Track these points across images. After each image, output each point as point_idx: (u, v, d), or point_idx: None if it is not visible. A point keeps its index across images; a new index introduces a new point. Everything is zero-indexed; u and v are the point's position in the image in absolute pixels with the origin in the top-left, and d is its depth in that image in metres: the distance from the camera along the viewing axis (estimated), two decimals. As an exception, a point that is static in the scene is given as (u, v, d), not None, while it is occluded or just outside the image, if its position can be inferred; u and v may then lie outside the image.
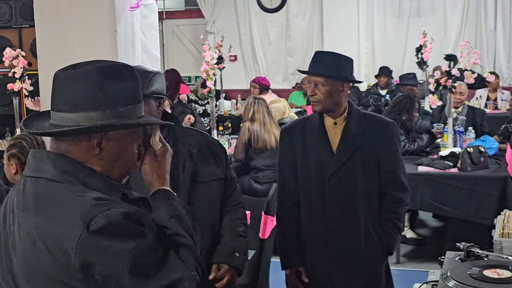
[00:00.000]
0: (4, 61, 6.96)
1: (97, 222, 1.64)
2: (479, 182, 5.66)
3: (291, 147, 3.40)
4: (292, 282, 3.41)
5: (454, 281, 2.28)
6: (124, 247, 1.66)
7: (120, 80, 1.80)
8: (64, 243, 1.64)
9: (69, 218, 1.65)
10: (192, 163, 2.86)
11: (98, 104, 1.75)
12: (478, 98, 10.17)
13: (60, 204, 1.70)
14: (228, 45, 10.89)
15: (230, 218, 3.02)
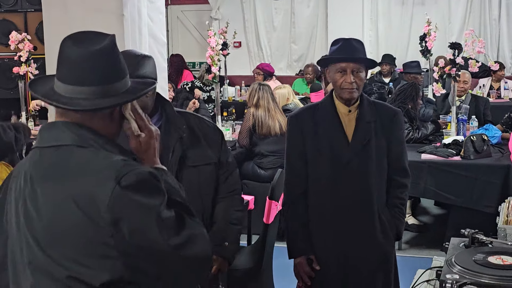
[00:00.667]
0: (10, 45, 6.98)
1: (128, 179, 1.77)
2: (482, 170, 5.67)
3: (301, 135, 3.36)
4: (304, 269, 3.33)
5: (459, 267, 2.31)
6: (152, 202, 1.80)
7: (118, 53, 1.93)
8: (97, 200, 1.75)
9: (101, 177, 1.78)
10: (182, 147, 2.84)
11: (109, 78, 1.89)
12: (481, 87, 10.17)
13: (89, 165, 1.82)
14: (233, 31, 10.86)
15: (224, 205, 2.98)
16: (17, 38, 6.92)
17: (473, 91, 8.75)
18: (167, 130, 2.85)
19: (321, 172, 3.33)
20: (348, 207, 3.30)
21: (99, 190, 1.76)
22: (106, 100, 1.87)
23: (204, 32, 10.64)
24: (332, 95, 3.38)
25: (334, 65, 3.28)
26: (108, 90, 1.88)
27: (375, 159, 3.32)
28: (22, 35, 6.97)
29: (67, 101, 1.85)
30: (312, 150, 3.34)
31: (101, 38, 1.89)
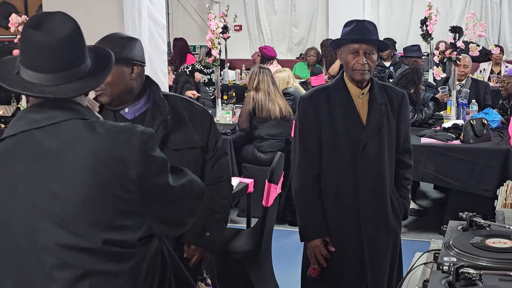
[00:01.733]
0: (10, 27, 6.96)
1: (145, 137, 1.96)
2: (481, 154, 5.67)
3: (316, 117, 3.32)
4: (322, 251, 3.32)
5: (456, 249, 2.31)
6: (162, 155, 2.03)
7: (82, 34, 1.99)
8: (125, 159, 1.91)
9: (122, 138, 1.93)
10: (165, 130, 2.81)
11: (87, 55, 2.00)
12: (482, 71, 10.15)
13: (104, 130, 1.94)
14: (233, 14, 10.83)
15: (209, 193, 2.82)
16: (17, 20, 6.89)
17: (473, 75, 8.73)
18: (153, 114, 2.85)
19: (338, 156, 3.32)
20: (363, 191, 3.32)
21: (125, 150, 1.91)
22: (81, 82, 1.95)
23: (204, 15, 10.60)
24: (343, 77, 3.37)
25: (347, 46, 3.28)
26: (73, 74, 1.94)
27: (387, 142, 3.36)
28: (22, 18, 6.94)
29: (50, 90, 1.91)
30: (328, 133, 3.32)
31: (66, 19, 1.95)
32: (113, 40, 2.77)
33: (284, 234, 3.59)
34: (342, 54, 3.32)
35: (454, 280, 2.09)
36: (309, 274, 3.40)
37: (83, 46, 1.98)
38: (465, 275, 2.09)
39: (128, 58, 2.76)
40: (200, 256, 2.87)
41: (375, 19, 12.10)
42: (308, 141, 3.36)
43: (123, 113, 2.86)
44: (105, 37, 2.82)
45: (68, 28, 1.92)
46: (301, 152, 3.39)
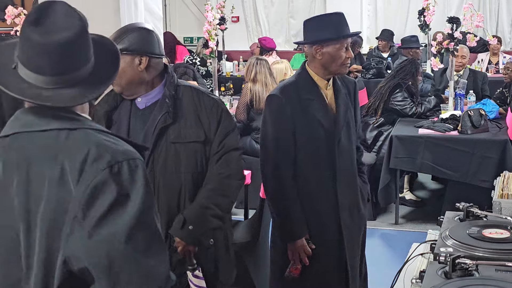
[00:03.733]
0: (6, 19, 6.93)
1: (120, 167, 1.67)
2: (479, 145, 5.68)
3: (290, 114, 3.23)
4: (306, 250, 3.28)
5: (453, 240, 2.31)
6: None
7: (87, 33, 1.80)
8: (83, 178, 1.66)
9: (93, 157, 1.67)
10: (165, 122, 2.81)
11: (90, 56, 1.80)
12: (479, 62, 10.14)
13: (79, 145, 1.70)
14: (231, 6, 10.80)
15: (205, 189, 2.88)
16: (13, 12, 6.85)
17: (471, 66, 8.73)
18: (161, 105, 2.86)
19: (316, 151, 3.30)
20: (340, 181, 3.32)
21: (88, 169, 1.65)
22: (95, 85, 1.79)
23: (201, 7, 10.58)
24: (307, 71, 3.34)
25: (338, 41, 3.24)
26: (73, 78, 1.75)
27: (352, 132, 3.41)
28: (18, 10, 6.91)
29: (47, 94, 1.73)
30: (304, 129, 3.26)
31: (72, 13, 1.75)
32: (118, 32, 2.80)
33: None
34: (327, 49, 3.24)
35: (450, 271, 2.10)
36: (290, 274, 3.33)
37: (87, 48, 1.78)
38: (462, 265, 2.10)
39: (128, 50, 2.76)
40: (184, 248, 2.84)
41: (372, 9, 12.08)
42: (284, 141, 3.25)
43: (136, 102, 2.90)
44: (120, 28, 2.84)
45: (71, 28, 1.72)
46: (277, 153, 3.26)
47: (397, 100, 6.57)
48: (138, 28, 2.85)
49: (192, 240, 2.84)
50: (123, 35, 2.76)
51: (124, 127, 2.90)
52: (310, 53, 3.32)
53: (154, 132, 2.82)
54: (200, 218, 2.85)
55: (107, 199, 1.62)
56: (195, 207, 2.86)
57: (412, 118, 6.52)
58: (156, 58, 2.86)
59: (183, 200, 2.87)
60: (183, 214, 2.85)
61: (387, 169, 5.95)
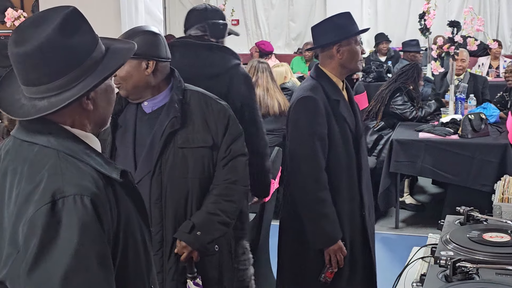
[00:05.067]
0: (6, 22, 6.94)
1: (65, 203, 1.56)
2: (480, 149, 5.67)
3: (326, 117, 3.22)
4: (342, 252, 3.25)
5: (454, 244, 2.31)
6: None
7: (77, 28, 1.69)
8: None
9: (40, 188, 1.58)
10: (173, 127, 2.79)
11: (75, 63, 1.66)
12: (480, 66, 10.14)
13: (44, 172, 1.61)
14: (230, 9, 10.81)
15: (212, 195, 2.86)
16: (13, 15, 6.86)
17: (471, 70, 8.72)
18: (168, 109, 2.84)
19: (347, 152, 3.31)
20: (363, 182, 3.36)
21: (34, 197, 1.55)
22: (65, 94, 1.64)
23: (202, 10, 10.56)
24: (325, 72, 3.34)
25: (352, 38, 3.30)
26: (64, 82, 1.65)
27: (363, 130, 3.48)
28: (18, 12, 6.92)
29: (25, 103, 1.68)
30: (335, 130, 3.26)
31: (47, 23, 1.64)
32: (130, 34, 2.79)
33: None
34: (347, 47, 3.29)
35: (451, 274, 2.09)
36: (325, 278, 3.30)
37: (72, 49, 1.65)
38: (462, 269, 2.10)
39: (141, 54, 2.74)
40: (189, 254, 2.82)
41: (373, 13, 12.11)
42: (323, 142, 3.22)
43: (143, 106, 2.89)
44: (126, 31, 2.86)
45: (38, 38, 1.62)
46: (317, 155, 3.20)
47: (397, 104, 6.57)
48: (145, 31, 2.84)
49: (198, 246, 2.82)
50: (129, 38, 2.71)
51: (130, 131, 2.89)
52: (326, 55, 3.33)
53: (162, 137, 2.80)
54: (208, 224, 2.83)
55: (43, 236, 1.50)
56: (203, 213, 2.83)
57: (413, 122, 6.52)
58: (163, 62, 2.85)
59: (190, 205, 2.85)
60: (191, 219, 2.83)
61: (387, 173, 5.95)
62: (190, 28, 3.73)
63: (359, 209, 3.36)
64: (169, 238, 2.84)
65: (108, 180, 1.67)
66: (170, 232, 2.83)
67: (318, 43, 3.37)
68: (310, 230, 3.27)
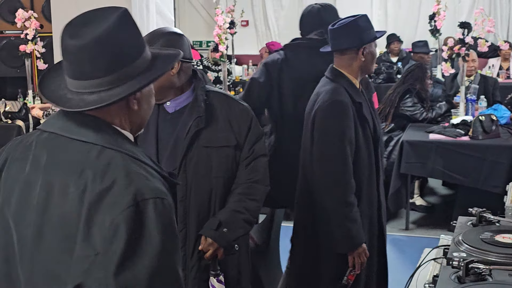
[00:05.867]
0: (17, 23, 6.97)
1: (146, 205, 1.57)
2: (490, 150, 5.66)
3: (353, 121, 3.22)
4: (366, 255, 3.25)
5: (466, 245, 2.30)
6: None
7: (126, 32, 1.70)
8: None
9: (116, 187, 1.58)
10: (197, 127, 2.82)
11: (129, 60, 1.68)
12: (490, 67, 10.11)
13: (108, 169, 1.61)
14: (240, 10, 10.82)
15: (237, 193, 2.91)
16: (23, 16, 6.90)
17: (482, 71, 8.70)
18: (191, 110, 2.87)
19: (369, 154, 3.32)
20: (380, 184, 3.40)
21: (111, 200, 1.54)
22: (115, 91, 1.66)
23: (211, 11, 10.60)
24: (343, 74, 3.32)
25: (373, 41, 3.34)
26: (116, 79, 1.65)
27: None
28: (28, 13, 6.95)
29: (73, 97, 1.68)
30: (360, 132, 3.26)
31: (104, 19, 1.66)
32: (155, 35, 2.81)
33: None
34: (370, 49, 3.32)
35: (464, 275, 2.08)
36: (347, 281, 3.30)
37: (124, 46, 1.67)
38: (475, 270, 2.09)
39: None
40: (215, 251, 2.84)
41: (383, 14, 12.08)
42: (351, 145, 3.21)
43: (165, 106, 2.91)
44: (151, 31, 2.87)
45: (102, 26, 1.64)
46: (347, 159, 3.19)
47: (407, 105, 6.56)
48: (170, 32, 2.87)
49: (225, 243, 2.84)
50: (155, 39, 2.75)
51: (152, 131, 2.90)
52: (348, 57, 3.31)
53: (186, 136, 2.82)
54: (234, 222, 2.86)
55: (129, 241, 1.51)
56: (228, 211, 2.87)
57: (423, 123, 6.51)
58: (187, 63, 2.88)
59: (214, 204, 2.88)
60: (217, 216, 2.86)
61: (397, 174, 5.94)
62: (308, 34, 4.04)
63: (377, 211, 3.38)
64: (192, 236, 2.86)
65: (166, 181, 1.70)
66: (193, 230, 2.86)
67: (339, 45, 3.31)
68: (336, 233, 3.24)
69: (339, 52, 3.33)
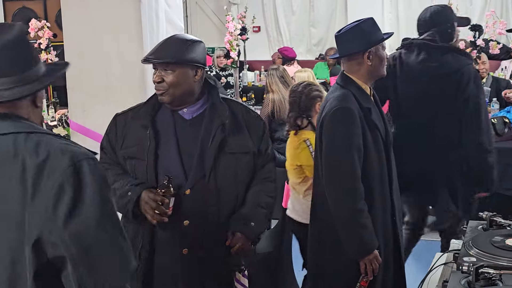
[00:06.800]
0: (30, 32, 7.03)
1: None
2: (503, 153, 5.61)
3: (361, 128, 3.21)
4: (378, 261, 3.24)
5: (476, 249, 2.30)
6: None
7: (28, 42, 1.98)
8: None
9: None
10: (223, 133, 2.87)
11: (24, 66, 1.91)
12: (503, 69, 10.05)
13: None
14: (252, 16, 10.84)
15: (254, 189, 2.99)
16: (36, 25, 6.96)
17: (494, 73, 8.65)
18: (211, 116, 2.91)
19: (379, 160, 3.31)
20: (394, 189, 3.37)
21: (51, 167, 1.79)
22: (27, 87, 1.89)
23: (222, 17, 10.62)
24: (352, 79, 3.32)
25: (380, 43, 3.33)
26: (25, 77, 1.89)
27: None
28: (41, 23, 7.01)
29: None
30: (369, 138, 3.25)
31: (10, 29, 1.91)
32: (178, 42, 2.87)
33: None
34: (377, 52, 3.31)
35: (474, 280, 2.08)
36: (360, 287, 3.30)
37: (30, 52, 1.96)
38: (485, 275, 2.08)
39: (193, 61, 2.84)
40: (242, 245, 2.89)
41: (394, 17, 12.05)
42: (359, 152, 3.20)
43: (181, 113, 2.95)
44: (169, 39, 2.92)
45: (11, 33, 1.90)
46: (354, 166, 3.18)
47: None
48: (192, 40, 2.91)
49: (254, 237, 2.94)
50: (185, 46, 2.83)
51: (172, 139, 2.92)
52: (355, 62, 3.32)
53: (212, 142, 2.87)
54: (259, 216, 2.97)
55: (74, 194, 1.77)
56: (253, 206, 2.96)
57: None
58: (204, 70, 2.95)
59: (238, 207, 2.96)
60: (243, 211, 2.93)
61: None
62: (422, 35, 4.37)
63: (390, 216, 3.36)
64: (222, 241, 2.91)
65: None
66: (223, 235, 2.91)
67: (345, 50, 3.33)
68: (347, 240, 3.25)
69: (347, 57, 3.34)
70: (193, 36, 2.99)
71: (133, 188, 2.83)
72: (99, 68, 4.41)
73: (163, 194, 2.76)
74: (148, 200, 2.77)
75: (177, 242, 2.86)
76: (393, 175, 3.38)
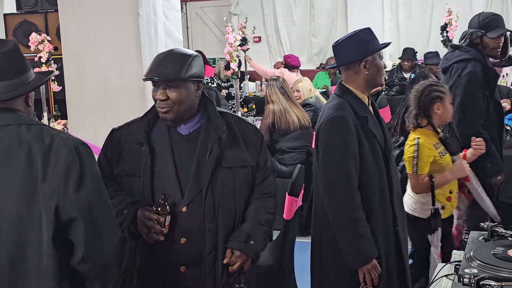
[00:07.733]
0: (30, 46, 7.03)
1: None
2: (504, 161, 5.58)
3: (356, 136, 3.21)
4: (377, 270, 3.23)
5: (478, 261, 2.28)
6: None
7: (21, 52, 2.40)
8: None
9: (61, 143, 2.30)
10: (220, 148, 2.84)
11: (20, 72, 2.34)
12: (504, 76, 10.04)
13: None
14: (252, 26, 10.85)
15: (255, 206, 2.95)
16: (36, 39, 6.97)
17: (496, 80, 8.64)
18: (207, 131, 2.88)
19: (379, 168, 3.30)
20: (394, 197, 3.35)
21: (57, 152, 2.24)
22: (23, 87, 2.32)
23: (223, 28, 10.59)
24: (349, 89, 3.33)
25: (377, 53, 3.33)
26: (20, 81, 2.32)
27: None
28: (41, 36, 7.01)
29: None
30: (366, 147, 3.25)
31: (5, 43, 2.33)
32: (180, 58, 2.81)
33: (307, 246, 3.58)
34: (374, 62, 3.31)
35: (474, 293, 2.06)
36: None
37: (23, 60, 2.38)
38: (486, 287, 2.06)
39: (195, 76, 2.81)
40: (242, 264, 2.85)
41: (394, 26, 12.07)
42: (355, 161, 3.21)
43: (178, 129, 2.91)
44: (169, 55, 2.84)
45: (8, 46, 2.33)
46: (350, 175, 3.19)
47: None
48: (192, 54, 2.86)
49: (253, 255, 2.88)
50: (187, 62, 2.78)
51: (168, 155, 2.88)
52: (352, 72, 3.33)
53: (209, 157, 2.83)
54: (258, 234, 2.91)
55: (78, 173, 2.25)
56: (253, 223, 2.91)
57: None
58: (203, 83, 2.94)
59: (238, 223, 2.91)
60: (243, 229, 2.88)
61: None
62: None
63: (392, 225, 3.34)
64: (221, 257, 2.85)
65: None
66: (222, 251, 2.85)
67: (342, 60, 3.35)
68: (345, 250, 3.25)
69: (344, 67, 3.36)
70: (190, 50, 2.95)
71: (129, 206, 2.80)
72: (98, 82, 4.41)
73: (159, 213, 2.73)
74: (143, 218, 2.74)
75: (175, 260, 2.83)
76: (394, 184, 3.35)
